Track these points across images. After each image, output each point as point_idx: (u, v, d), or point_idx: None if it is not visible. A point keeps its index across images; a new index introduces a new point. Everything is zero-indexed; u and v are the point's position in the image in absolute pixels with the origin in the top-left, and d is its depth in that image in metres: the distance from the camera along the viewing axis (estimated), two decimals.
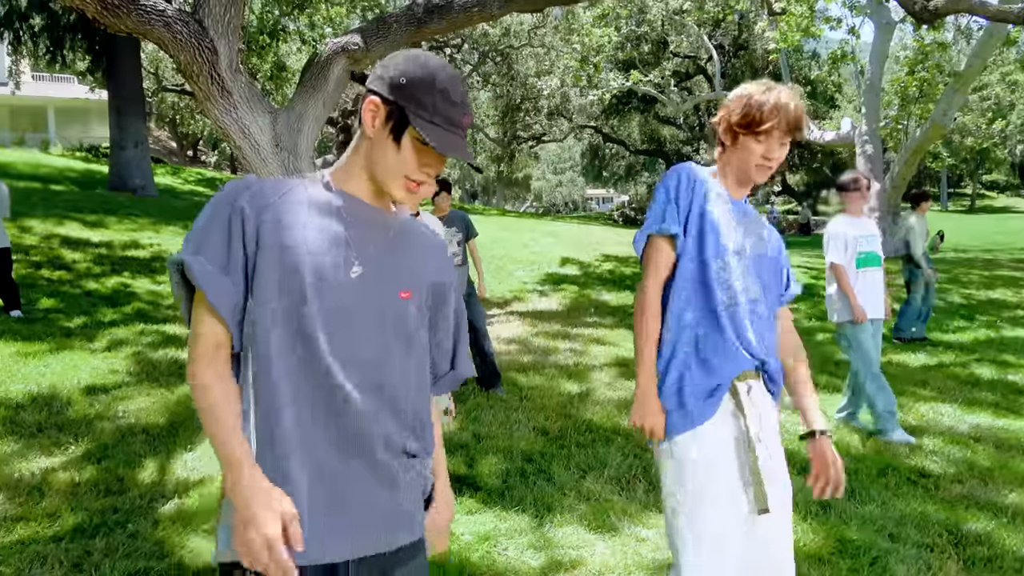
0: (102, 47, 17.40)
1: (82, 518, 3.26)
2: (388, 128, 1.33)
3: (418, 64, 1.34)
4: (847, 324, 4.61)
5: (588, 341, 7.22)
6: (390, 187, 1.36)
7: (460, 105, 1.34)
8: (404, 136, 1.32)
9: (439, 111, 1.32)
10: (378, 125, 1.34)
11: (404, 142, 1.32)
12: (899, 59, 24.55)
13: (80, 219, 10.85)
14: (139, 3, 5.04)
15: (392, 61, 1.36)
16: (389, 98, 1.32)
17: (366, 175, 1.38)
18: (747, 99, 1.89)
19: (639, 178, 45.00)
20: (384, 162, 1.34)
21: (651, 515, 3.45)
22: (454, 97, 1.33)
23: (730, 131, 1.94)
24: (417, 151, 1.33)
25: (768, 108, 1.86)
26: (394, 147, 1.33)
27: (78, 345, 5.93)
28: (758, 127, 1.88)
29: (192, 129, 35.36)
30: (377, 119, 1.34)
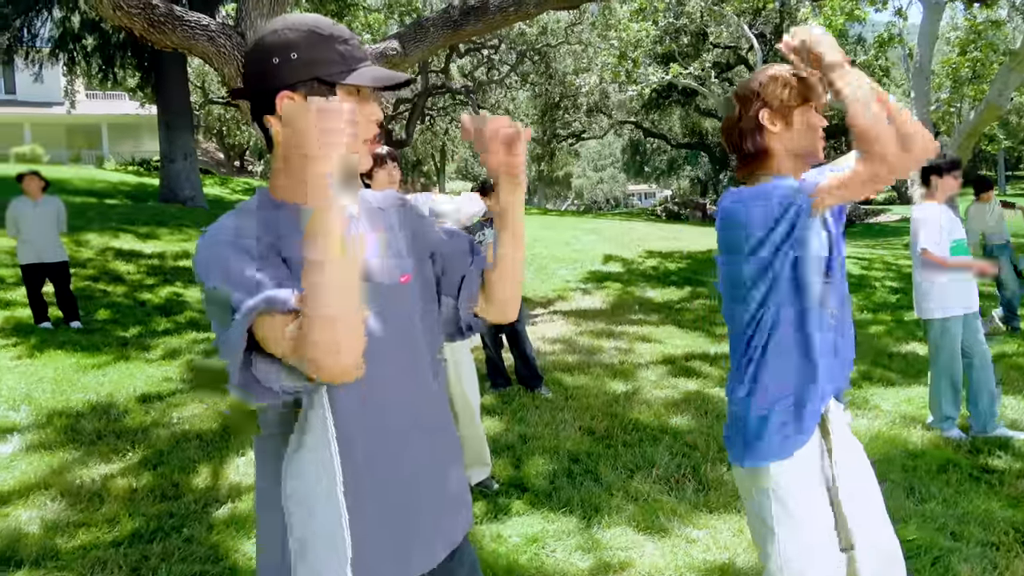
0: (150, 63, 17.92)
1: (140, 523, 3.34)
2: None
3: (290, 31, 1.17)
4: (935, 321, 4.31)
5: (633, 339, 7.15)
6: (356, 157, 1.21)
7: (353, 38, 1.20)
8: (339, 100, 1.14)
9: (346, 55, 1.18)
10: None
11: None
12: (949, 40, 23.75)
13: (133, 231, 11.18)
14: (184, 19, 5.17)
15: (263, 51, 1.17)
16: (297, 80, 1.16)
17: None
18: (782, 76, 1.78)
19: (681, 172, 44.48)
20: None
21: (701, 515, 3.39)
22: (344, 33, 1.20)
23: (781, 114, 1.78)
24: (359, 107, 1.18)
25: (811, 76, 1.76)
26: None
27: (134, 354, 6.11)
28: (811, 96, 1.77)
29: (238, 140, 36.19)
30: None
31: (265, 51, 1.18)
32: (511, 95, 29.88)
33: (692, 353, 6.56)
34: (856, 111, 1.53)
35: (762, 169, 1.82)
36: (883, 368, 5.99)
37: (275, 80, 1.17)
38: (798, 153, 1.81)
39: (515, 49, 26.33)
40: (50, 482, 3.79)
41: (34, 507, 3.52)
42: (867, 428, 4.57)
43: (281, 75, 1.17)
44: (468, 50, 25.90)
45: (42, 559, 3.04)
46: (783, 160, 1.80)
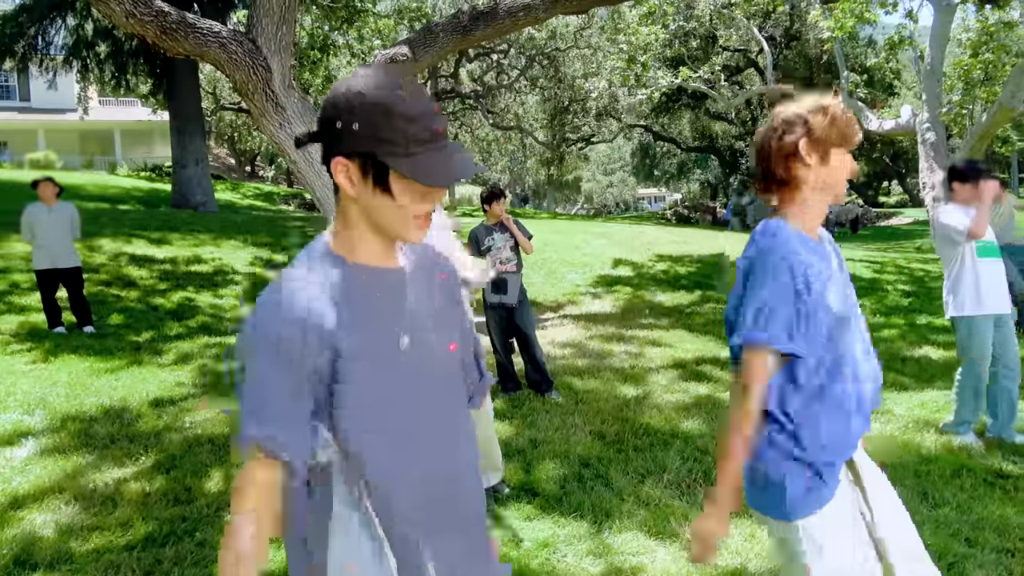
0: (162, 70, 18.07)
1: (153, 527, 3.36)
2: (370, 182, 1.18)
3: (360, 97, 1.15)
4: (964, 318, 4.22)
5: (644, 343, 7.14)
6: (404, 235, 1.23)
7: (424, 116, 1.16)
8: (391, 181, 1.17)
9: (409, 136, 1.15)
10: (357, 182, 1.19)
11: (394, 188, 1.17)
12: (961, 42, 23.61)
13: (146, 237, 11.26)
14: (195, 26, 5.21)
15: (332, 109, 1.17)
16: (353, 151, 1.16)
17: (371, 235, 1.24)
18: (826, 111, 1.71)
19: (691, 176, 44.37)
20: (384, 215, 1.20)
21: None
22: (412, 111, 1.15)
23: (819, 150, 1.72)
24: (412, 188, 1.18)
25: (848, 117, 1.71)
26: (386, 198, 1.18)
27: (146, 359, 6.15)
28: (849, 137, 1.72)
29: (249, 145, 36.41)
30: (352, 177, 1.18)
31: (333, 108, 1.17)
32: (520, 99, 29.94)
33: (703, 357, 6.54)
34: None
35: (787, 198, 1.78)
36: (896, 372, 5.96)
37: (336, 141, 1.17)
38: (824, 189, 1.77)
39: (524, 53, 26.38)
40: (64, 486, 3.82)
41: (48, 511, 3.55)
42: (880, 433, 4.54)
43: (341, 139, 1.17)
44: (478, 55, 25.98)
45: (57, 562, 3.06)
46: (809, 193, 1.77)
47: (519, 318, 5.36)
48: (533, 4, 6.24)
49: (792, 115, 1.74)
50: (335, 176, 1.19)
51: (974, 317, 4.19)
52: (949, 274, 4.32)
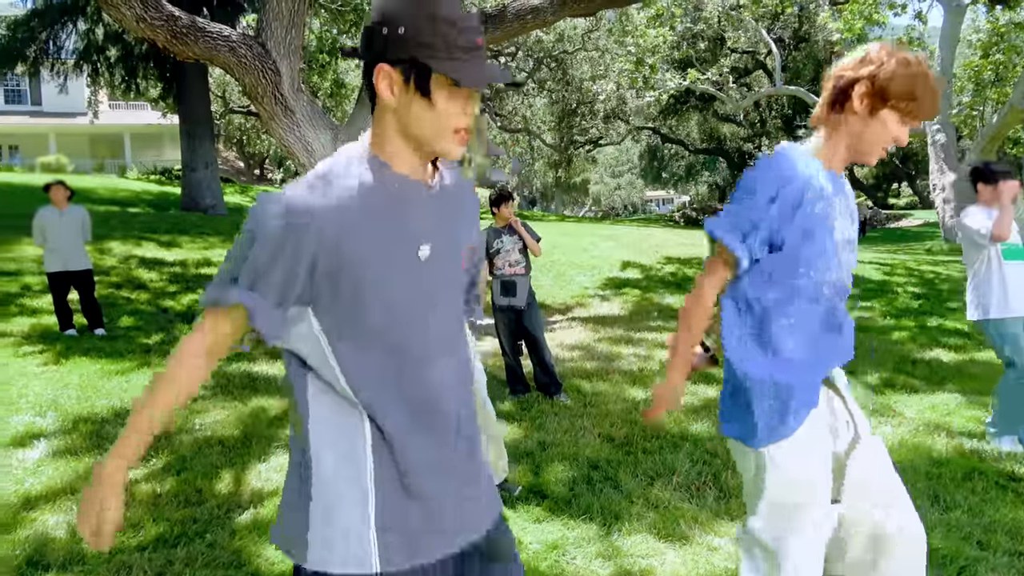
0: (172, 74, 18.19)
1: (164, 528, 3.38)
2: (412, 88, 1.19)
3: (406, 4, 1.18)
4: (990, 321, 4.13)
5: (652, 346, 7.13)
6: (442, 146, 1.24)
7: (467, 27, 1.19)
8: (431, 87, 1.19)
9: (452, 43, 1.17)
10: (398, 90, 1.20)
11: (435, 93, 1.19)
12: (971, 43, 23.51)
13: (155, 239, 11.33)
14: (205, 30, 5.25)
15: (379, 17, 1.19)
16: (396, 57, 1.18)
17: (408, 145, 1.26)
18: (906, 66, 1.63)
19: (699, 178, 44.28)
20: (423, 124, 1.22)
21: (723, 523, 3.37)
22: (461, 21, 1.18)
23: (873, 97, 1.65)
24: (451, 96, 1.20)
25: (931, 84, 1.63)
26: (426, 104, 1.20)
27: (156, 361, 6.18)
28: (911, 102, 1.64)
29: (258, 148, 36.59)
30: (395, 85, 1.20)
31: (380, 16, 1.19)
32: (528, 102, 29.97)
33: None
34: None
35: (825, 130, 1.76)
36: (906, 375, 5.93)
37: (380, 48, 1.20)
38: (854, 145, 1.73)
39: (532, 56, 26.41)
40: (76, 487, 3.84)
41: (60, 512, 3.57)
42: (891, 435, 4.52)
43: (386, 46, 1.19)
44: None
45: (69, 563, 3.08)
46: (842, 143, 1.74)
47: (528, 320, 5.36)
48: (541, 7, 6.26)
49: (867, 59, 1.68)
50: (376, 83, 1.21)
51: (1003, 320, 4.10)
52: (973, 276, 4.24)
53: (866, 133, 1.69)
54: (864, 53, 1.69)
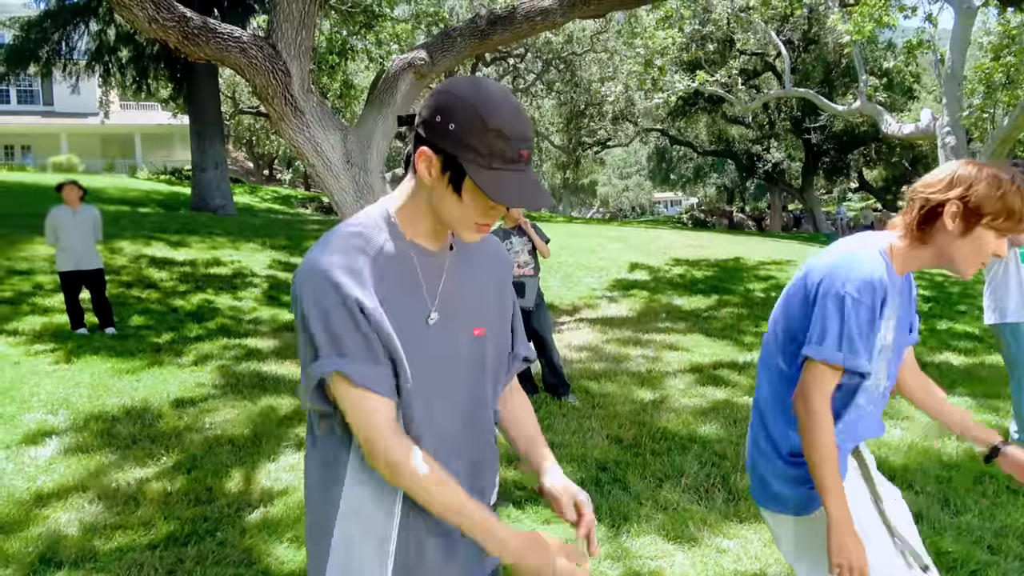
0: (183, 75, 18.29)
1: (175, 526, 3.40)
2: (446, 180, 1.24)
3: (464, 103, 1.21)
4: (1007, 325, 4.10)
5: (661, 347, 7.12)
6: (461, 234, 1.30)
7: (515, 137, 1.22)
8: (464, 186, 1.23)
9: (495, 152, 1.20)
10: (435, 175, 1.25)
11: (465, 192, 1.23)
12: (982, 45, 23.38)
13: (165, 239, 11.39)
14: (217, 31, 5.27)
15: (438, 105, 1.24)
16: (440, 147, 1.23)
17: (430, 220, 1.31)
18: (997, 186, 1.60)
19: (707, 180, 44.20)
20: (449, 212, 1.27)
21: (731, 525, 3.36)
22: (511, 131, 1.21)
23: (968, 217, 1.62)
24: (481, 198, 1.24)
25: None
26: (455, 198, 1.24)
27: (167, 360, 6.21)
28: (1008, 220, 1.61)
29: (267, 149, 36.72)
30: (432, 169, 1.25)
31: (439, 106, 1.23)
32: (536, 103, 29.97)
33: (720, 362, 6.51)
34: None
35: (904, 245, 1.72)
36: None
37: (430, 134, 1.23)
38: (947, 260, 1.69)
39: (541, 58, 26.41)
40: (88, 485, 3.87)
41: (72, 509, 3.59)
42: (900, 439, 4.51)
43: (433, 135, 1.23)
44: (494, 59, 26.05)
45: (81, 560, 3.11)
46: (928, 254, 1.70)
47: (536, 321, 5.37)
48: (551, 8, 6.25)
49: (962, 175, 1.64)
50: (416, 162, 1.26)
51: (1020, 324, 4.07)
52: (991, 280, 4.22)
53: (961, 250, 1.66)
54: (951, 174, 1.66)
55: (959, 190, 1.62)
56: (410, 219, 1.32)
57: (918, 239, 1.69)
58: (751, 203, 47.09)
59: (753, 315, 8.60)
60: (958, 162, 1.68)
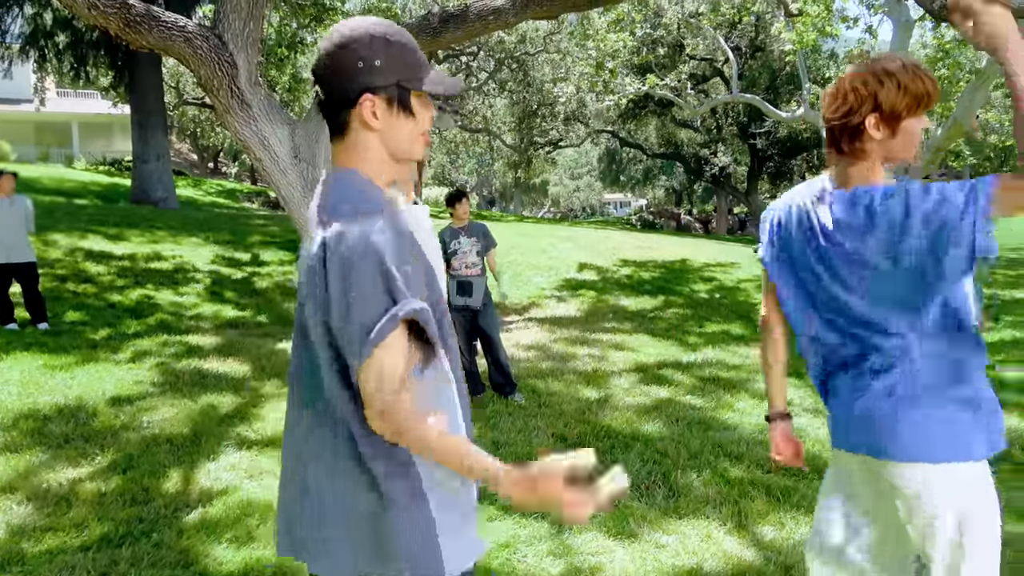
0: (124, 63, 17.71)
1: (108, 528, 3.31)
2: (395, 109, 1.34)
3: (375, 39, 1.31)
4: None
5: (607, 347, 7.22)
6: (415, 151, 1.39)
7: (416, 46, 1.37)
8: (412, 103, 1.35)
9: (418, 63, 1.35)
10: (381, 116, 1.34)
11: (416, 108, 1.36)
12: (919, 57, 24.27)
13: (103, 232, 11.03)
14: (160, 19, 5.13)
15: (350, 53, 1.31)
16: (378, 85, 1.32)
17: (390, 166, 1.39)
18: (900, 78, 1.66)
19: (656, 182, 44.85)
20: (401, 137, 1.36)
21: (671, 521, 3.44)
22: (412, 42, 1.36)
23: (889, 121, 1.69)
24: (423, 105, 1.37)
25: (931, 80, 1.67)
26: (407, 118, 1.35)
27: (103, 357, 6.03)
28: (928, 104, 1.68)
29: (212, 141, 35.83)
30: (378, 110, 1.33)
31: (352, 54, 1.31)
32: (489, 102, 29.96)
33: (664, 361, 6.64)
34: None
35: (853, 168, 1.77)
36: None
37: (357, 82, 1.31)
38: (890, 158, 1.75)
39: (494, 56, 26.42)
40: (16, 486, 3.73)
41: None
42: None
43: (364, 78, 1.31)
44: (447, 56, 25.93)
45: (7, 564, 3.00)
46: (875, 164, 1.75)
47: (483, 321, 5.39)
48: (503, 8, 6.28)
49: (862, 89, 1.70)
50: (362, 113, 1.32)
51: None
52: None
53: (899, 145, 1.72)
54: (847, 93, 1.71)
55: (868, 105, 1.69)
56: (377, 175, 1.38)
57: (860, 157, 1.74)
58: (698, 206, 47.95)
59: (697, 315, 8.78)
60: (849, 75, 1.72)
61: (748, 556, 3.12)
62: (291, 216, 5.30)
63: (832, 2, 13.41)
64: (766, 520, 3.44)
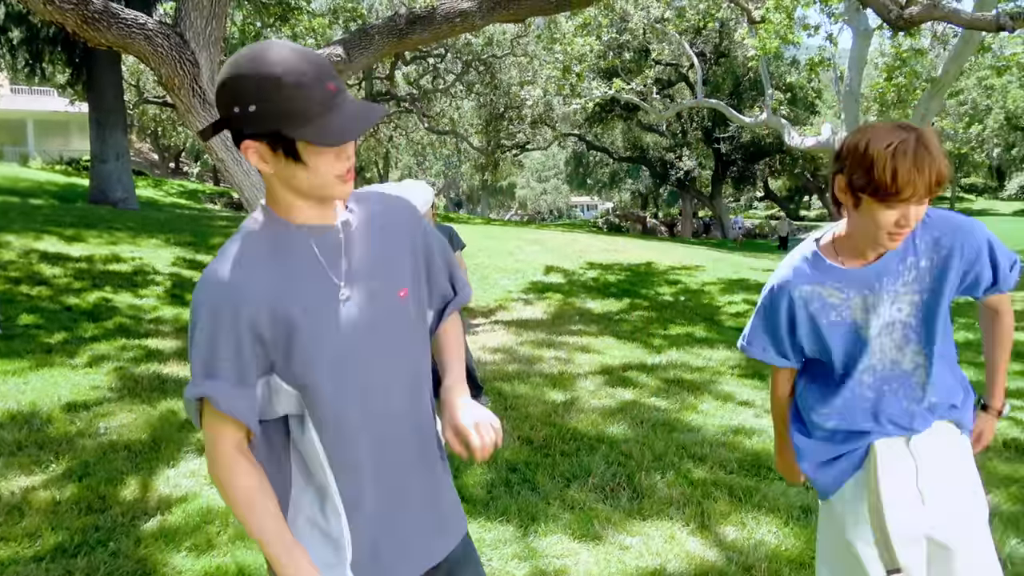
0: (82, 59, 17.31)
1: (63, 537, 3.23)
2: (282, 157, 1.21)
3: (247, 80, 1.15)
4: None
5: (573, 349, 7.25)
6: (330, 194, 1.26)
7: (315, 80, 1.15)
8: (299, 150, 1.19)
9: (305, 105, 1.15)
10: (271, 161, 1.22)
11: (306, 156, 1.20)
12: (878, 65, 24.85)
13: (59, 233, 10.76)
14: (120, 16, 5.03)
15: (226, 98, 1.18)
16: (257, 133, 1.19)
17: (301, 201, 1.27)
18: (864, 154, 1.50)
19: (623, 185, 45.25)
20: (307, 182, 1.23)
21: (635, 522, 3.46)
22: (304, 75, 1.15)
23: (852, 191, 1.56)
24: (322, 152, 1.20)
25: (903, 173, 1.46)
26: (301, 167, 1.21)
27: (59, 361, 5.87)
28: (889, 196, 1.49)
29: (174, 141, 35.20)
30: (265, 156, 1.22)
31: (227, 96, 1.18)
32: (456, 104, 29.93)
33: (630, 364, 6.68)
34: None
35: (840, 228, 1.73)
36: None
37: (239, 126, 1.20)
38: (857, 238, 1.66)
39: (461, 59, 26.39)
40: None
41: None
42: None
43: (243, 124, 1.18)
44: (414, 58, 25.84)
45: None
46: (853, 235, 1.67)
47: None
48: (470, 11, 6.28)
49: (842, 147, 1.59)
50: (248, 159, 1.23)
51: None
52: None
53: (859, 225, 1.62)
54: (842, 144, 1.60)
55: (840, 162, 1.57)
56: (285, 206, 1.28)
57: (847, 219, 1.67)
58: (664, 209, 48.47)
59: (662, 318, 8.86)
60: (863, 129, 1.58)
61: (710, 557, 3.15)
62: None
63: (794, 10, 13.66)
64: (728, 520, 3.49)
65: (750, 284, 11.37)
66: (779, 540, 3.29)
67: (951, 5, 7.57)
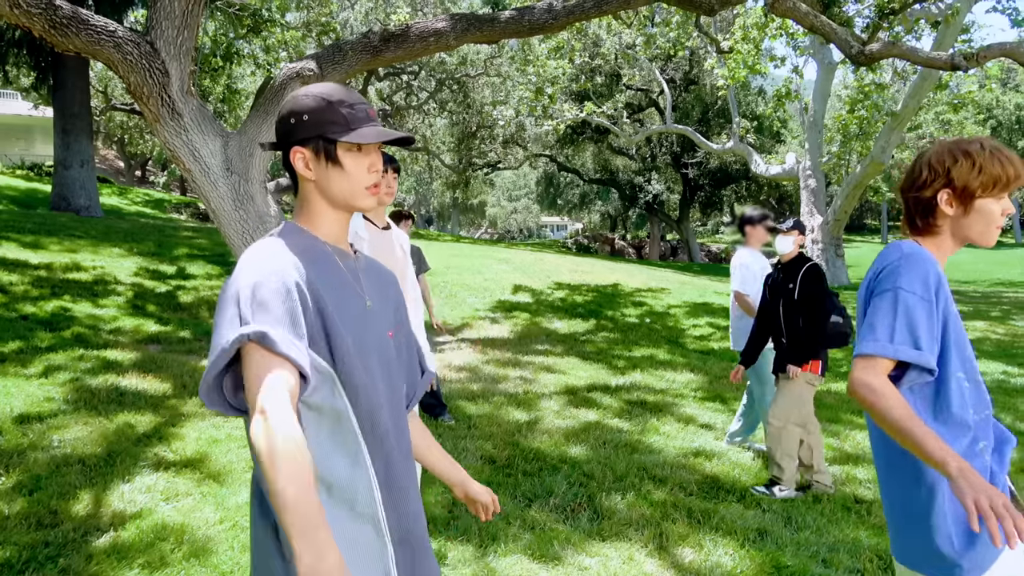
0: (48, 64, 17.02)
1: (11, 553, 3.14)
2: (323, 159, 1.44)
3: (306, 98, 1.46)
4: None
5: (538, 369, 7.27)
6: (359, 203, 1.47)
7: (360, 104, 1.45)
8: (338, 154, 1.44)
9: (349, 117, 1.43)
10: (312, 166, 1.46)
11: (343, 159, 1.44)
12: (841, 97, 25.52)
13: (17, 239, 10.52)
14: (89, 23, 4.98)
15: (286, 113, 1.47)
16: (306, 137, 1.44)
17: (332, 212, 1.48)
18: (976, 158, 1.71)
19: (592, 206, 45.62)
20: (339, 187, 1.45)
21: (594, 543, 3.48)
22: (351, 100, 1.45)
23: (963, 198, 1.73)
24: (356, 158, 1.45)
25: (1016, 162, 1.71)
26: (337, 170, 1.44)
27: (12, 371, 5.73)
28: (1010, 185, 1.72)
29: (141, 149, 34.67)
30: (308, 161, 1.45)
31: (287, 113, 1.47)
32: (429, 122, 30.00)
33: (594, 384, 6.73)
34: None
35: (924, 242, 1.80)
36: None
37: (292, 137, 1.45)
38: (965, 240, 1.78)
39: (435, 76, 26.51)
40: None
41: None
42: (755, 460, 4.81)
43: (295, 133, 1.45)
44: (387, 74, 25.89)
45: None
46: (946, 241, 1.79)
47: None
48: (444, 31, 6.34)
49: (936, 164, 1.75)
50: (294, 165, 1.45)
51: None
52: (735, 310, 5.11)
53: (973, 226, 1.75)
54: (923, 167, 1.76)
55: (940, 180, 1.74)
56: (315, 224, 1.48)
57: (932, 233, 1.79)
58: (632, 231, 48.97)
59: (627, 339, 8.94)
60: (929, 151, 1.79)
61: None
62: (220, 229, 5.19)
63: (761, 42, 14.00)
64: (686, 542, 3.52)
65: (714, 308, 11.53)
66: (735, 562, 3.33)
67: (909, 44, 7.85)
